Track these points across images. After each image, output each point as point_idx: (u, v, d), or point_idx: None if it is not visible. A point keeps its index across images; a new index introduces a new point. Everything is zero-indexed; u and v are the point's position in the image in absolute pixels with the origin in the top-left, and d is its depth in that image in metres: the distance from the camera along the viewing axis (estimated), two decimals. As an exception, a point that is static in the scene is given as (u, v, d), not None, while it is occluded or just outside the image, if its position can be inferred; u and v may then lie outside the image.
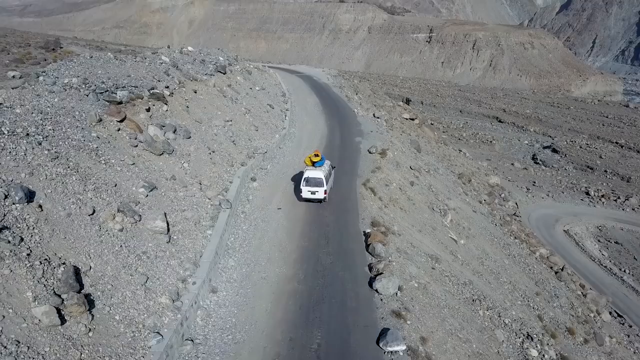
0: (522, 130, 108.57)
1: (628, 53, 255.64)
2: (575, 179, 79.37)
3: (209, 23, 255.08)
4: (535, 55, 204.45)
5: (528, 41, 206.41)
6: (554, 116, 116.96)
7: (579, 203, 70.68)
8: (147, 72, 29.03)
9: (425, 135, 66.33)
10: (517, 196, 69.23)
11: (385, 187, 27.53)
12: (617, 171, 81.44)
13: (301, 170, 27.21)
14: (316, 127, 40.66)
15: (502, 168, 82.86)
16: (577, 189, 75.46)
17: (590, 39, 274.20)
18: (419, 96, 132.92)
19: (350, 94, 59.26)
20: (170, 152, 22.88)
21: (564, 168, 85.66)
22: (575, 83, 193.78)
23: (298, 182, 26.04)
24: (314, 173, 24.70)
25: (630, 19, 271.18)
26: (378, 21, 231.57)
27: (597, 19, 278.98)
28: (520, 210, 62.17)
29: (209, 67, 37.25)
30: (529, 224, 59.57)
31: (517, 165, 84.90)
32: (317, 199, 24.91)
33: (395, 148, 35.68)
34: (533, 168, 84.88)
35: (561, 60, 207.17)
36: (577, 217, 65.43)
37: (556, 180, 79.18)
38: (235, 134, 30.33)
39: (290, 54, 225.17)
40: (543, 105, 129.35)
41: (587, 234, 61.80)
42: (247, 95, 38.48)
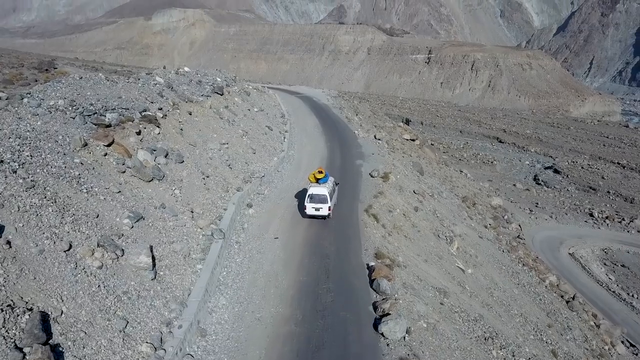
0: (522, 150, 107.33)
1: (625, 74, 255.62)
2: (578, 200, 77.75)
3: (210, 44, 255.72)
4: (534, 75, 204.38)
5: (526, 62, 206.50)
6: (554, 137, 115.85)
7: (583, 225, 68.99)
8: (140, 93, 27.64)
9: (426, 156, 65.00)
10: (520, 218, 67.63)
11: (389, 214, 25.97)
12: (620, 192, 79.94)
13: (304, 187, 27.14)
14: (316, 149, 39.19)
15: (504, 189, 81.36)
16: (580, 210, 73.84)
17: (588, 60, 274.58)
18: (418, 116, 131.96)
19: (350, 115, 57.93)
20: (161, 178, 21.37)
21: (566, 189, 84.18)
22: (573, 103, 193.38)
23: (301, 199, 25.91)
24: (318, 189, 24.55)
25: (626, 40, 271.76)
26: (377, 42, 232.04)
27: (594, 40, 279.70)
28: (523, 233, 60.49)
29: (206, 88, 35.92)
30: (533, 247, 57.87)
31: (519, 186, 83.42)
32: (321, 216, 24.63)
33: (398, 171, 34.19)
34: (535, 189, 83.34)
35: (559, 80, 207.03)
36: (581, 240, 63.71)
37: (559, 201, 77.60)
38: (232, 157, 28.86)
39: (290, 75, 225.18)
40: (543, 125, 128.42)
41: (593, 257, 60.08)
42: (244, 117, 37.10)
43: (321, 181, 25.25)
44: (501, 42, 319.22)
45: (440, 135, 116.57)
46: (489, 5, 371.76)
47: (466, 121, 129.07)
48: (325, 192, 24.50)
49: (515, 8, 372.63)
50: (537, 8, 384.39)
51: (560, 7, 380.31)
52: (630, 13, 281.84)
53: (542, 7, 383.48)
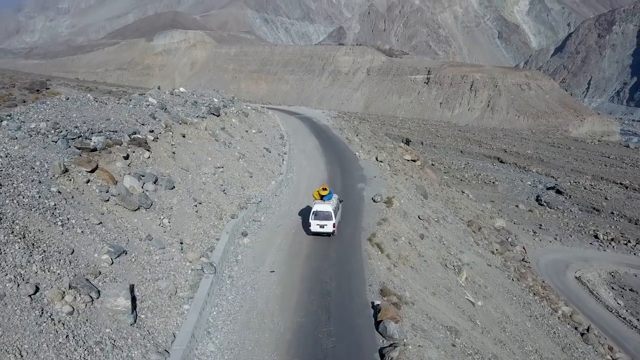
0: (524, 170, 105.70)
1: (623, 94, 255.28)
2: (582, 222, 75.90)
3: (211, 65, 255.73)
4: (532, 96, 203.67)
5: (525, 82, 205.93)
6: (555, 157, 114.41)
7: (588, 247, 67.08)
8: (130, 115, 26.05)
9: (428, 177, 63.48)
10: (524, 240, 65.79)
11: (394, 242, 24.19)
12: (624, 213, 78.17)
13: (308, 205, 27.45)
14: (316, 171, 37.47)
15: (506, 210, 79.57)
16: (585, 232, 71.94)
17: (585, 80, 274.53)
18: (418, 136, 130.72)
19: (350, 135, 56.33)
20: (148, 207, 19.64)
21: (569, 210, 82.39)
22: (572, 123, 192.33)
23: (305, 217, 25.90)
24: (322, 206, 24.33)
25: (623, 61, 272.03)
26: (377, 63, 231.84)
27: (592, 61, 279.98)
28: (528, 256, 58.71)
29: (202, 109, 34.35)
30: (538, 271, 56.04)
31: (522, 207, 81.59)
32: (326, 233, 24.37)
33: (402, 195, 32.45)
34: (538, 210, 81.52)
35: (558, 100, 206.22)
36: (587, 263, 61.79)
37: (563, 222, 75.75)
38: (227, 181, 27.16)
39: (290, 95, 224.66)
40: (543, 145, 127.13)
41: (600, 281, 58.09)
42: (242, 139, 35.47)
43: (325, 198, 24.98)
44: (499, 62, 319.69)
45: (440, 156, 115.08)
46: (486, 26, 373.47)
47: (466, 141, 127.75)
48: (330, 209, 24.25)
49: (513, 29, 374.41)
50: (534, 29, 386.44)
51: (557, 28, 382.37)
52: (627, 34, 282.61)
53: (539, 29, 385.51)
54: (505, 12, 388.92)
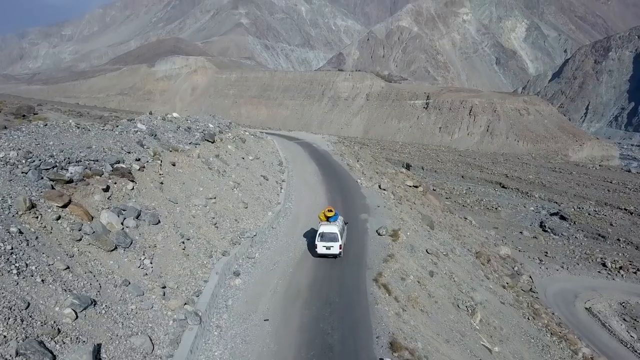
0: (526, 196, 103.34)
1: (621, 119, 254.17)
2: (588, 249, 73.37)
3: (211, 90, 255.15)
4: (531, 120, 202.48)
5: (523, 107, 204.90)
6: (557, 182, 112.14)
7: (596, 276, 64.52)
8: (115, 142, 23.83)
9: (431, 204, 61.35)
10: (530, 268, 63.33)
11: (402, 282, 21.77)
12: (630, 240, 75.66)
13: (312, 227, 27.23)
14: (316, 200, 35.09)
15: (510, 237, 77.13)
16: (592, 259, 69.44)
17: (583, 105, 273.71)
18: (419, 161, 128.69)
19: (351, 162, 54.14)
20: (127, 246, 17.28)
21: (574, 236, 79.89)
22: (572, 148, 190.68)
23: (310, 239, 25.57)
24: (328, 228, 24.06)
25: (621, 87, 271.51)
26: (376, 88, 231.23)
27: (589, 86, 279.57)
28: (535, 285, 56.20)
29: (195, 136, 32.19)
30: (546, 301, 53.53)
31: (526, 234, 79.11)
32: (332, 254, 23.95)
33: (408, 227, 30.11)
34: (543, 237, 79.03)
35: (557, 125, 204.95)
36: (597, 292, 59.18)
37: (569, 250, 73.28)
38: (219, 214, 24.81)
39: (290, 120, 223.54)
40: (545, 170, 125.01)
41: (611, 312, 55.40)
42: (237, 167, 33.18)
43: (331, 219, 24.77)
44: (497, 88, 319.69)
45: (442, 181, 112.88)
46: (484, 53, 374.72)
47: (467, 166, 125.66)
48: (336, 230, 23.87)
49: (510, 56, 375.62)
50: (531, 55, 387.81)
51: (554, 54, 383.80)
52: (623, 60, 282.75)
53: (536, 55, 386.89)
54: (502, 38, 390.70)
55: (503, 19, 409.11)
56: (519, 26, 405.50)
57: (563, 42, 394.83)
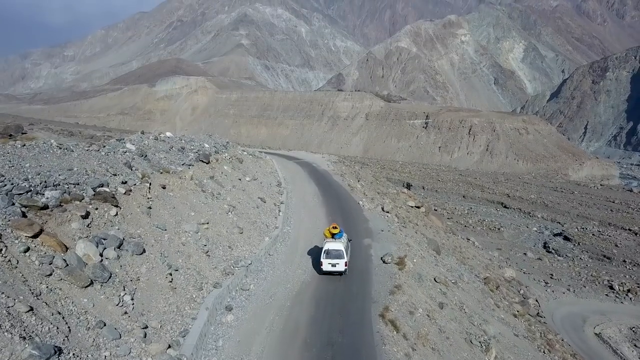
0: (529, 216, 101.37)
1: (620, 138, 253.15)
2: (594, 271, 71.22)
3: (212, 110, 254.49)
4: (531, 140, 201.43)
5: (522, 127, 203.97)
6: (559, 201, 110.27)
7: (604, 299, 62.27)
8: (100, 163, 22.00)
9: (434, 225, 59.57)
10: (536, 291, 61.17)
11: (410, 317, 19.75)
12: (636, 261, 73.66)
13: (316, 245, 27.16)
14: (316, 224, 33.09)
15: (514, 258, 75.08)
16: (598, 282, 67.24)
17: (582, 125, 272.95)
18: (419, 181, 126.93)
19: (352, 182, 52.23)
20: (105, 280, 15.32)
21: (579, 257, 77.83)
22: (572, 167, 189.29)
23: (314, 256, 25.41)
24: (334, 245, 23.85)
25: (619, 106, 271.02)
26: (375, 108, 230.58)
27: (587, 106, 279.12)
28: (542, 309, 54.10)
29: (189, 156, 30.37)
30: (554, 326, 51.29)
31: (531, 255, 77.01)
32: (338, 272, 23.75)
33: (414, 253, 28.11)
34: (547, 258, 76.91)
35: (556, 145, 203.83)
36: (605, 317, 56.88)
37: (574, 272, 71.11)
38: (212, 240, 22.86)
39: (290, 140, 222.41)
40: (546, 190, 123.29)
41: (622, 338, 53.08)
42: (233, 188, 31.26)
43: (336, 236, 24.54)
44: (496, 107, 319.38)
45: (443, 200, 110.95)
46: (482, 73, 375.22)
47: (468, 185, 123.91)
48: (342, 247, 23.66)
49: (509, 76, 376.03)
50: (529, 76, 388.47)
51: (552, 75, 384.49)
52: (620, 80, 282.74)
53: (534, 75, 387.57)
54: (500, 59, 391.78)
55: (501, 40, 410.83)
56: (516, 47, 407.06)
57: (560, 63, 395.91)
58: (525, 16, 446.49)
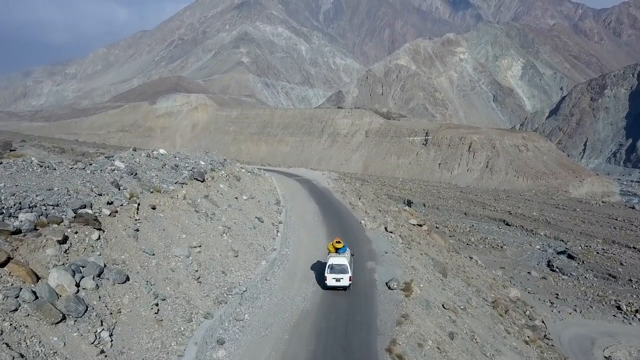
0: (531, 234, 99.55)
1: (619, 155, 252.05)
2: (601, 290, 69.30)
3: (212, 127, 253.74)
4: (530, 157, 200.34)
5: (522, 144, 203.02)
6: (562, 219, 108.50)
7: (611, 320, 60.22)
8: (84, 183, 20.36)
9: (436, 243, 57.88)
10: (542, 312, 59.17)
11: (419, 350, 17.94)
12: (643, 281, 71.75)
13: (319, 260, 27.23)
14: (315, 245, 31.31)
15: (518, 277, 73.21)
16: (605, 302, 65.27)
17: (581, 142, 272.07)
18: (420, 198, 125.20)
19: (353, 200, 50.54)
20: (80, 314, 13.58)
21: (583, 276, 76.03)
22: (572, 184, 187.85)
23: (319, 271, 25.26)
24: (338, 260, 23.81)
25: (618, 123, 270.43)
26: (375, 125, 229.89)
27: (586, 123, 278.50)
28: (548, 330, 52.16)
29: (183, 174, 28.72)
30: (562, 348, 49.30)
31: (535, 274, 75.10)
32: (342, 286, 23.53)
33: (420, 277, 26.31)
34: (552, 277, 75.01)
35: (556, 161, 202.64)
36: (614, 339, 54.86)
37: (580, 291, 69.16)
38: (204, 265, 21.11)
39: (290, 156, 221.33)
40: (548, 207, 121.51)
41: (632, 361, 51.14)
42: (229, 208, 29.53)
43: (340, 251, 24.50)
44: (495, 124, 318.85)
45: (444, 218, 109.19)
46: (481, 90, 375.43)
47: (469, 203, 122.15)
48: (346, 262, 23.64)
49: (507, 93, 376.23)
50: (528, 93, 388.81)
51: (550, 92, 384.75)
52: (619, 98, 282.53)
53: (532, 92, 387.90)
54: (499, 76, 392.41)
55: (499, 57, 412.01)
56: (515, 65, 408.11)
57: (559, 80, 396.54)
58: (523, 34, 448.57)
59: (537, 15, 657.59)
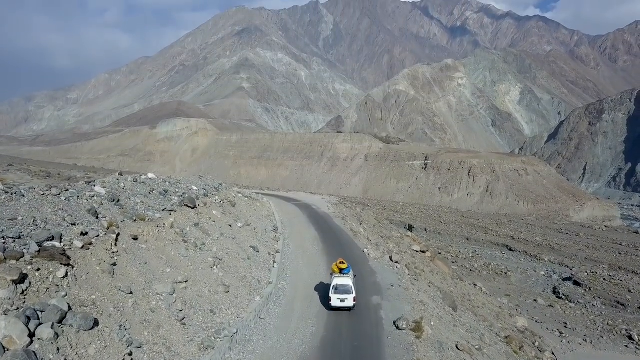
0: (535, 259, 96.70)
1: (619, 179, 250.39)
2: (610, 319, 66.30)
3: (212, 151, 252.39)
4: (530, 181, 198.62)
5: (522, 168, 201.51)
6: (566, 244, 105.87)
7: (624, 351, 57.21)
8: (56, 211, 17.99)
9: (440, 271, 55.38)
10: (551, 342, 56.14)
11: (434, 406, 15.41)
12: (652, 308, 68.89)
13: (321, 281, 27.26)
14: (315, 277, 28.69)
15: (524, 305, 70.25)
16: (616, 331, 62.24)
17: (581, 166, 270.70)
18: (421, 222, 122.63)
19: (355, 226, 48.08)
20: (31, 374, 11.10)
21: (591, 304, 73.04)
22: (573, 208, 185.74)
23: (322, 292, 25.27)
24: (342, 280, 23.81)
25: (616, 148, 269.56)
26: (374, 150, 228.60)
27: (585, 147, 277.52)
28: (559, 363, 49.30)
29: (172, 200, 26.37)
30: (574, 383, 46.53)
31: (541, 302, 72.16)
32: (347, 307, 23.45)
33: (430, 313, 23.74)
34: (559, 305, 71.99)
35: (556, 185, 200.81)
36: (628, 372, 52.08)
37: (589, 320, 66.16)
38: (190, 303, 18.61)
39: (290, 180, 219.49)
40: (551, 232, 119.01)
41: (648, 397, 48.26)
42: (221, 237, 27.06)
43: (344, 271, 24.54)
44: (494, 149, 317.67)
45: (446, 243, 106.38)
46: (480, 115, 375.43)
47: (471, 227, 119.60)
48: (350, 282, 23.67)
49: (506, 118, 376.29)
50: (526, 118, 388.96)
51: (548, 117, 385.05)
52: (617, 122, 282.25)
53: (530, 117, 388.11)
54: (497, 101, 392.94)
55: (497, 83, 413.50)
56: (512, 90, 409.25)
57: (557, 105, 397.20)
58: (520, 60, 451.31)
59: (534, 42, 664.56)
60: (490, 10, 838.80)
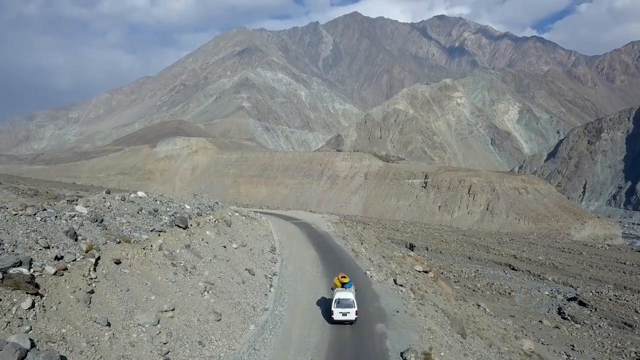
0: (539, 279, 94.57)
1: (619, 197, 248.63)
2: (618, 341, 64.12)
3: (212, 170, 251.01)
4: (531, 199, 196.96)
5: (522, 186, 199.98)
6: (569, 263, 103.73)
7: (635, 375, 55.16)
8: (29, 233, 16.19)
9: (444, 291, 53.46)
10: (560, 367, 54.16)
11: None
12: (661, 330, 66.77)
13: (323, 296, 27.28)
14: (315, 302, 26.81)
15: (530, 327, 68.04)
16: (625, 354, 60.17)
17: (581, 184, 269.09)
18: (422, 241, 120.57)
19: (356, 246, 46.15)
20: None
21: (597, 325, 70.86)
22: (574, 226, 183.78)
23: (324, 306, 25.30)
24: (344, 294, 23.90)
25: (616, 166, 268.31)
26: (374, 168, 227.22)
27: (585, 166, 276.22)
28: (569, 389, 47.19)
29: (162, 220, 24.55)
30: (586, 410, 44.31)
31: (547, 323, 69.92)
32: (349, 321, 23.45)
33: (439, 342, 21.77)
34: (565, 326, 69.80)
35: (556, 204, 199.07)
36: (641, 398, 49.84)
37: (597, 342, 63.97)
38: (176, 335, 16.72)
39: (289, 199, 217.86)
40: (554, 250, 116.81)
41: None
42: (214, 259, 25.17)
43: (346, 285, 24.65)
44: (494, 167, 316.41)
45: (448, 262, 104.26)
46: (479, 134, 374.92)
47: (473, 246, 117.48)
48: (352, 296, 23.80)
49: (505, 136, 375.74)
50: (525, 136, 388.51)
51: (547, 135, 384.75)
52: (616, 141, 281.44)
53: (530, 136, 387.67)
54: (496, 120, 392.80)
55: (496, 102, 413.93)
56: (511, 109, 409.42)
57: (555, 124, 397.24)
58: (518, 80, 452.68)
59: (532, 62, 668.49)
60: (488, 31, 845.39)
